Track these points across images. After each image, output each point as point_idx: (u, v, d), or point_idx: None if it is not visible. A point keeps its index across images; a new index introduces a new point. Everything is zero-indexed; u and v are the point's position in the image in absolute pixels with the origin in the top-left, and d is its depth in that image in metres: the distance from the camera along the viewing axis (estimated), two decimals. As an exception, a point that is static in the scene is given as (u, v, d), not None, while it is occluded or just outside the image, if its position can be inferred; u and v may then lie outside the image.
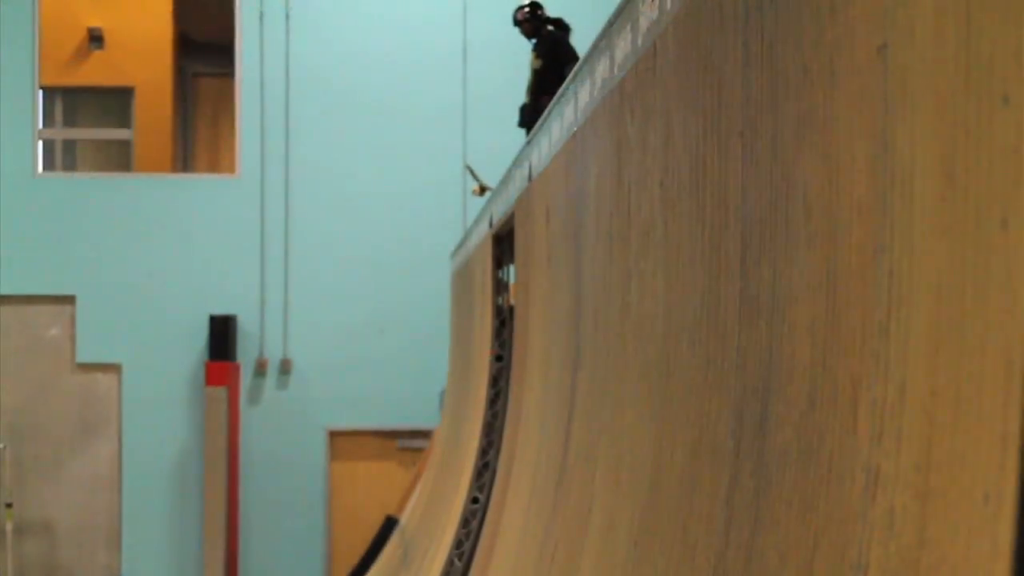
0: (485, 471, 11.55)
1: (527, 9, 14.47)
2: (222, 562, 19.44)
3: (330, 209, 20.06)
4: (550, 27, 14.42)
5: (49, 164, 21.17)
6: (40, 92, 20.34)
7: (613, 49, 6.34)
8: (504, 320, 12.09)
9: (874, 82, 2.95)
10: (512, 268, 11.80)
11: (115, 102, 22.49)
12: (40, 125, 20.36)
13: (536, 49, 14.35)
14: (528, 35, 14.49)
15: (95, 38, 22.08)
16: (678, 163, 4.93)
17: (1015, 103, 2.26)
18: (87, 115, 22.68)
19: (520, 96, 14.61)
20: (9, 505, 19.56)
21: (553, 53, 14.04)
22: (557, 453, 7.58)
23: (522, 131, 13.95)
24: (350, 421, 20.03)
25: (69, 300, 19.89)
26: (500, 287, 12.47)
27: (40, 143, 20.43)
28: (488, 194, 14.68)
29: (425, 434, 19.35)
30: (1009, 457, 2.24)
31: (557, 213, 8.30)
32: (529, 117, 13.82)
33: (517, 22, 14.54)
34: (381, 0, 20.16)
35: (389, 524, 18.54)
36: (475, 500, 11.54)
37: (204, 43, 23.26)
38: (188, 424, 19.92)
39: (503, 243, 12.32)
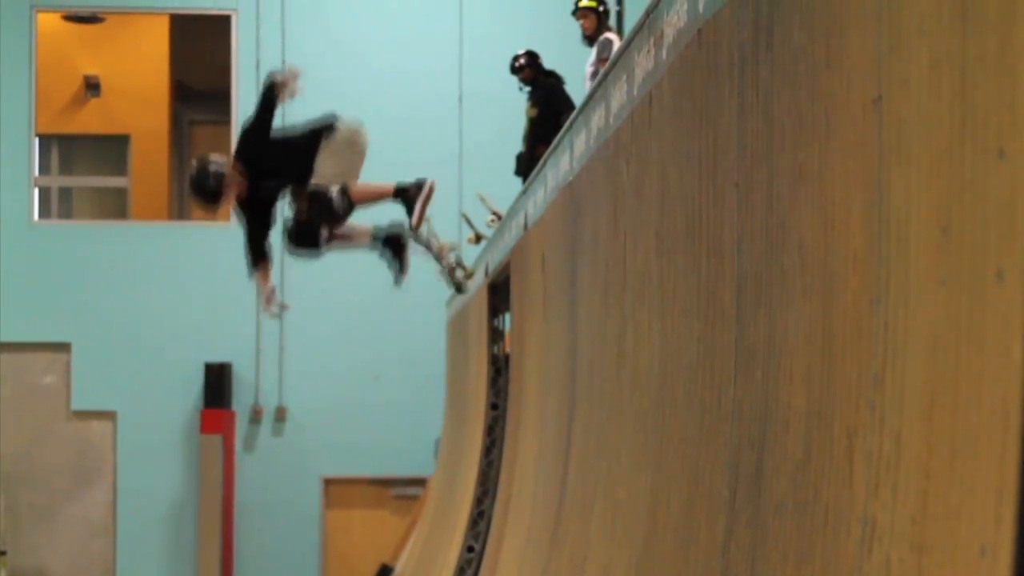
0: (480, 520, 11.52)
1: (525, 57, 14.50)
2: (216, 611, 19.36)
3: (324, 256, 19.99)
4: (545, 76, 14.45)
5: (45, 211, 21.16)
6: (36, 139, 20.35)
7: (609, 99, 6.36)
8: (500, 368, 12.08)
9: (869, 134, 2.96)
10: (508, 316, 11.80)
11: (111, 150, 22.50)
12: (36, 172, 20.36)
13: (532, 97, 14.37)
14: (526, 81, 14.50)
15: (92, 86, 22.11)
16: (674, 213, 4.94)
17: (1010, 156, 2.26)
18: (83, 163, 22.70)
19: (516, 145, 14.61)
20: (3, 552, 19.47)
21: (548, 100, 14.05)
22: (552, 502, 7.56)
23: (518, 179, 13.95)
24: (345, 469, 19.97)
25: (64, 347, 19.85)
26: (496, 335, 12.47)
27: (36, 190, 20.43)
28: (484, 243, 14.68)
29: (420, 482, 19.30)
30: (1006, 509, 2.23)
31: (552, 262, 8.31)
32: (525, 166, 13.81)
33: (516, 68, 14.56)
34: (377, 50, 20.19)
35: (384, 572, 18.47)
36: (470, 549, 11.50)
37: (200, 91, 23.30)
38: (183, 472, 19.85)
39: (499, 291, 12.32)
